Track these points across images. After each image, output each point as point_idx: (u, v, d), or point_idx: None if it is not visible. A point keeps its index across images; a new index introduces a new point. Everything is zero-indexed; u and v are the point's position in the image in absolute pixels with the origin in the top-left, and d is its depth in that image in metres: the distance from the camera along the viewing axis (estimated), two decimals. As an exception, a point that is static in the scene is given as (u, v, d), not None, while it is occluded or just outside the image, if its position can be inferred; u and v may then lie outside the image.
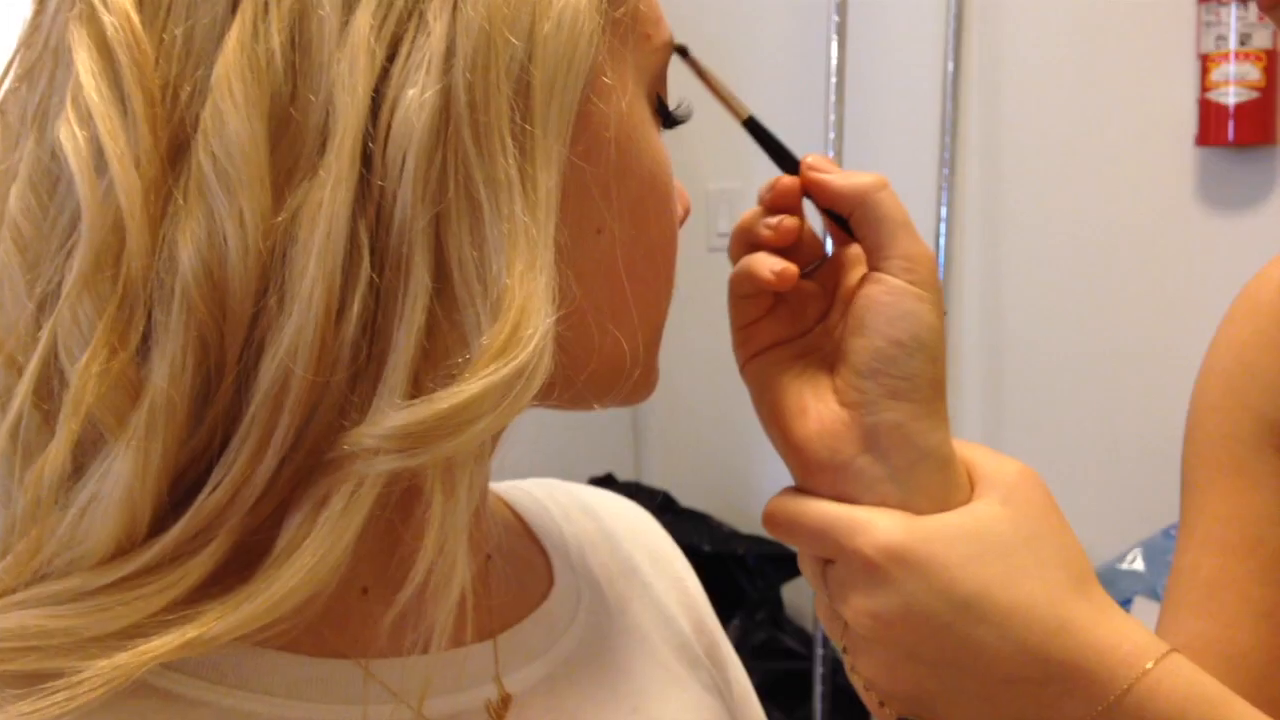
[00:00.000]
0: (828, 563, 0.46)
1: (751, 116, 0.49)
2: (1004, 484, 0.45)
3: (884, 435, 0.45)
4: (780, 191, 0.48)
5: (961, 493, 0.45)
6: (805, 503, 0.46)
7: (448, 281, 0.37)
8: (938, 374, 0.45)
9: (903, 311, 0.45)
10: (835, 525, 0.45)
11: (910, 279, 0.45)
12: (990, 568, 0.43)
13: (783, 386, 0.48)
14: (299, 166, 0.36)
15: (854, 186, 0.46)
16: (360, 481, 0.37)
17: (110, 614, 0.36)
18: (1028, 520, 0.44)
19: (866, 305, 0.46)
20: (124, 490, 0.36)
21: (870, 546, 0.43)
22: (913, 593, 0.43)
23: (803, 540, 0.47)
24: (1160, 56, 1.72)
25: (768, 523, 0.48)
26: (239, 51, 0.36)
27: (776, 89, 2.10)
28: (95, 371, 0.36)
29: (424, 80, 0.36)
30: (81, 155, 0.36)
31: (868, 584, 0.44)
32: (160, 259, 0.36)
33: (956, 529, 0.44)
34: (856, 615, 0.44)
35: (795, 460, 0.48)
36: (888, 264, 0.46)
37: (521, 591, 0.52)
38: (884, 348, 0.45)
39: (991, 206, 1.93)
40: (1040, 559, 0.44)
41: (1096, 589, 0.44)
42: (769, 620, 1.97)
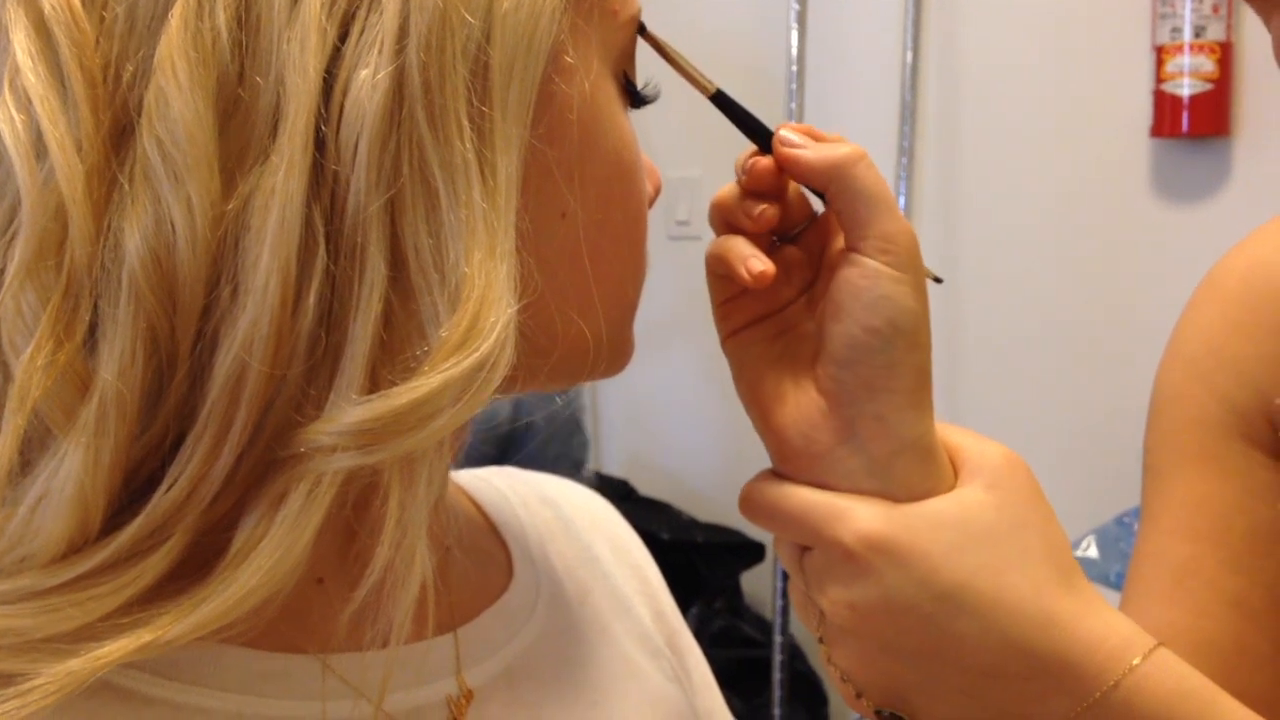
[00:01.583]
0: (805, 550, 0.45)
1: (719, 90, 0.47)
2: (989, 469, 0.44)
3: (862, 427, 0.43)
4: (756, 174, 0.45)
5: (945, 481, 0.44)
6: (783, 488, 0.45)
7: (404, 270, 0.36)
8: (920, 360, 0.43)
9: (879, 296, 0.42)
10: (814, 512, 0.43)
11: (887, 260, 0.43)
12: (974, 557, 0.41)
13: (762, 367, 0.46)
14: (249, 151, 0.35)
15: (827, 161, 0.43)
16: (318, 479, 0.36)
17: (62, 615, 0.35)
18: (1013, 508, 0.43)
19: (842, 289, 0.43)
20: (75, 487, 0.35)
21: (850, 535, 0.42)
22: (893, 583, 0.41)
23: (779, 526, 0.45)
24: (1116, 48, 1.74)
25: (743, 506, 0.46)
26: (183, 30, 0.34)
27: (736, 77, 2.08)
28: (40, 364, 0.34)
29: (376, 61, 0.35)
30: (20, 140, 0.35)
31: (846, 574, 0.42)
32: (105, 247, 0.35)
33: (939, 517, 0.42)
34: (834, 605, 0.43)
35: (773, 444, 0.46)
36: (864, 244, 0.43)
37: (482, 584, 0.52)
38: (860, 335, 0.43)
39: (949, 196, 1.94)
40: (1025, 549, 0.42)
41: (1082, 580, 0.43)
42: (727, 608, 1.97)
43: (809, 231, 0.47)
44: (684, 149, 2.13)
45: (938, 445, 0.44)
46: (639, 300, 0.47)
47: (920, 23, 1.95)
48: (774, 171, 0.45)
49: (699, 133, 1.45)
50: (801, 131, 0.45)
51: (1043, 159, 1.84)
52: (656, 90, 0.46)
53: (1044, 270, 1.85)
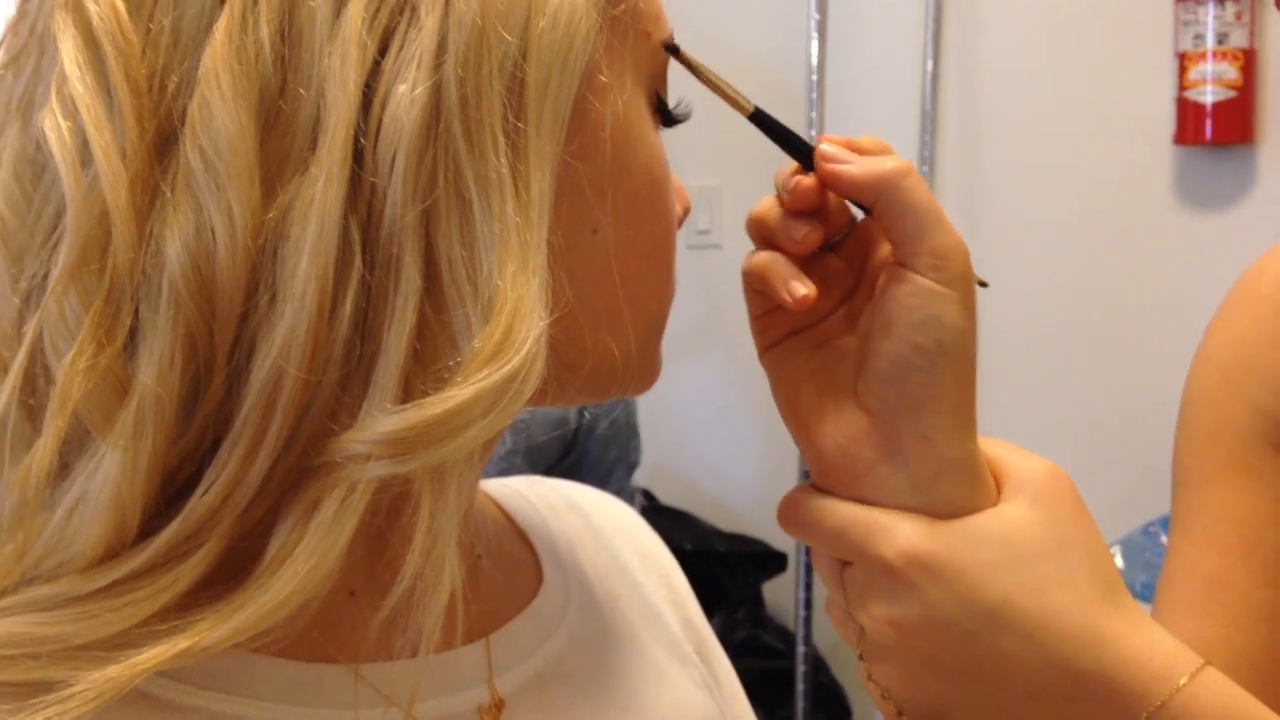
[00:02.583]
0: (845, 565, 0.44)
1: (757, 109, 0.47)
2: (1033, 484, 0.43)
3: (907, 445, 0.42)
4: (800, 193, 0.44)
5: (988, 497, 0.43)
6: (823, 502, 0.44)
7: (438, 281, 0.37)
8: (965, 380, 0.42)
9: (929, 316, 0.42)
10: (855, 528, 0.43)
11: (938, 277, 0.42)
12: (1017, 574, 0.41)
13: (801, 380, 0.46)
14: (289, 161, 0.36)
15: (875, 176, 0.42)
16: (352, 487, 0.36)
17: (100, 621, 0.35)
18: (1057, 524, 0.42)
19: (890, 307, 0.42)
20: (112, 490, 0.36)
21: (892, 551, 0.41)
22: (935, 600, 0.41)
23: (819, 541, 0.45)
24: (1138, 55, 1.74)
25: (782, 520, 0.46)
26: (227, 43, 0.35)
27: (757, 87, 2.09)
28: (82, 368, 0.35)
29: (415, 76, 0.36)
30: (66, 147, 0.35)
31: (888, 590, 0.42)
32: (147, 254, 0.36)
33: (982, 534, 0.41)
34: (875, 622, 0.42)
35: (813, 460, 0.45)
36: (915, 261, 0.42)
37: (511, 590, 0.52)
38: (907, 354, 0.42)
39: (970, 204, 1.94)
40: (1070, 565, 0.41)
41: (1127, 598, 0.42)
42: (750, 618, 1.97)
43: (848, 239, 0.47)
44: (704, 158, 2.13)
45: (981, 462, 0.43)
46: (667, 318, 0.47)
47: (940, 31, 1.95)
48: (817, 189, 0.44)
49: (719, 142, 1.45)
50: (841, 144, 0.44)
51: (1065, 167, 1.83)
52: (688, 110, 0.46)
53: (1067, 278, 1.84)
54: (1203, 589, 0.62)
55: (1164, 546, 1.57)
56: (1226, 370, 0.64)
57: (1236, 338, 0.65)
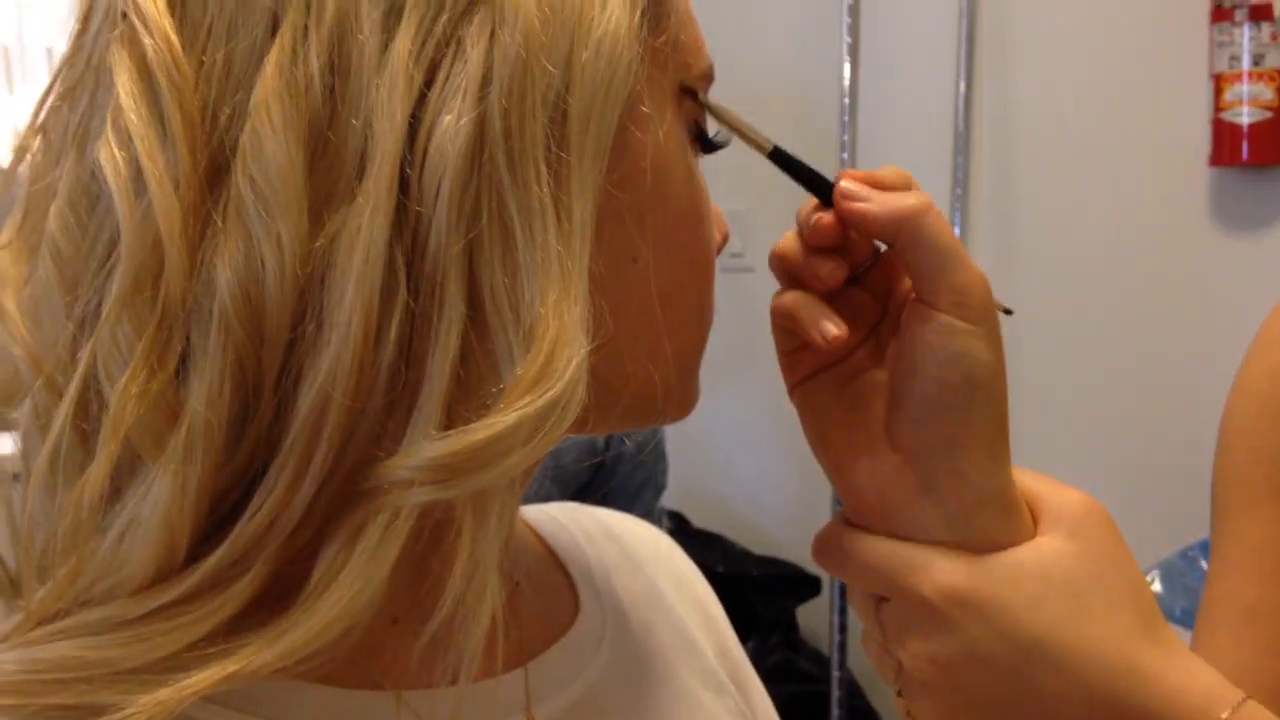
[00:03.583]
0: (881, 601, 0.44)
1: (777, 147, 0.47)
2: (1069, 518, 0.43)
3: (941, 482, 0.42)
4: (820, 230, 0.44)
5: (1024, 531, 0.43)
6: (859, 538, 0.44)
7: (481, 309, 0.37)
8: (997, 412, 0.42)
9: (955, 353, 0.42)
10: (891, 564, 0.43)
11: (961, 315, 0.42)
12: (1056, 609, 0.41)
13: (832, 417, 0.46)
14: (336, 191, 0.36)
15: (893, 214, 0.42)
16: (396, 513, 0.36)
17: (150, 644, 0.36)
18: (1095, 557, 0.42)
19: (916, 346, 0.43)
20: (162, 514, 0.36)
21: (929, 587, 0.41)
22: (975, 637, 0.41)
23: (855, 577, 0.45)
24: (1173, 77, 1.73)
25: (817, 555, 0.46)
26: (278, 75, 0.36)
27: (789, 111, 2.10)
28: (134, 393, 0.36)
29: (460, 107, 0.36)
30: (121, 176, 0.36)
31: (926, 626, 0.42)
32: (198, 281, 0.36)
33: (1020, 568, 0.41)
34: (914, 659, 0.42)
35: (847, 497, 0.45)
36: (937, 299, 0.42)
37: (548, 618, 0.52)
38: (936, 393, 0.42)
39: (1004, 227, 1.93)
40: (1109, 599, 0.41)
41: (1166, 630, 0.42)
42: (783, 642, 1.96)
43: (873, 270, 0.47)
44: (735, 182, 2.14)
45: (1017, 495, 0.43)
46: (705, 345, 0.48)
47: (973, 53, 1.94)
48: (836, 226, 0.44)
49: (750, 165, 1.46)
50: (862, 179, 0.44)
51: (1099, 189, 1.82)
52: (727, 137, 0.46)
53: (1102, 302, 1.83)
54: (1242, 618, 0.62)
55: (1203, 571, 1.55)
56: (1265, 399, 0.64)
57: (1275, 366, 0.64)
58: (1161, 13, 1.74)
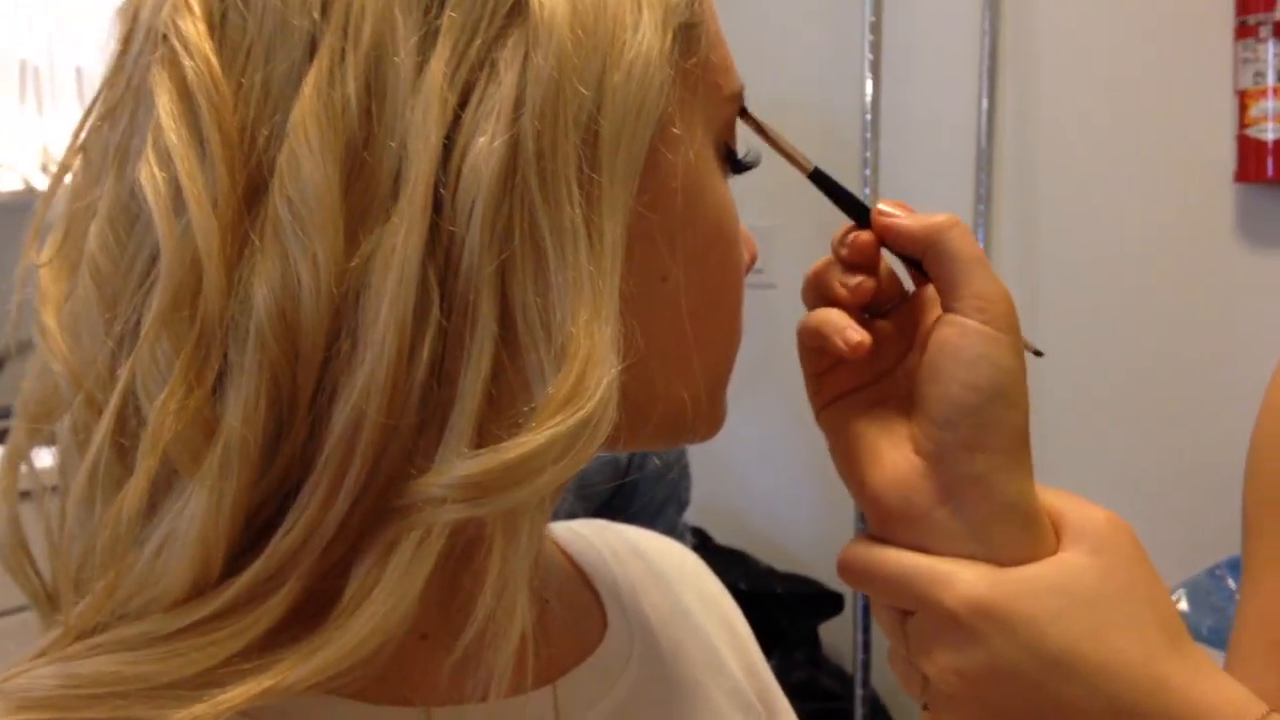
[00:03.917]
0: (905, 615, 0.44)
1: (817, 169, 0.48)
2: (1092, 533, 0.43)
3: (962, 488, 0.43)
4: (857, 248, 0.46)
5: (1047, 545, 0.43)
6: (883, 552, 0.44)
7: (513, 328, 0.38)
8: (1019, 421, 0.43)
9: (977, 355, 0.43)
10: (915, 576, 0.43)
11: (984, 319, 0.43)
12: (1080, 622, 0.41)
13: (858, 434, 0.46)
14: (371, 211, 0.37)
15: (924, 227, 0.44)
16: (428, 530, 0.37)
17: (185, 659, 0.36)
18: (1118, 572, 0.42)
19: (939, 349, 0.44)
20: (199, 529, 0.36)
21: (954, 600, 0.42)
22: (999, 649, 0.41)
23: (879, 591, 0.45)
24: (1197, 93, 1.72)
25: (842, 570, 0.46)
26: (315, 97, 0.36)
27: (811, 128, 2.10)
28: (173, 409, 0.36)
29: (494, 128, 0.37)
30: (160, 196, 0.37)
31: (951, 639, 0.42)
32: (236, 300, 0.37)
33: (1044, 582, 0.42)
34: (940, 672, 0.42)
35: (871, 509, 0.46)
36: (960, 304, 0.43)
37: (576, 636, 0.52)
38: (959, 395, 0.43)
39: (1027, 244, 1.92)
40: (1132, 613, 0.42)
41: (1190, 645, 0.42)
42: (807, 660, 1.95)
43: (901, 309, 0.48)
44: (758, 198, 2.14)
45: (1039, 508, 0.44)
46: (734, 365, 0.48)
47: (995, 69, 1.94)
48: (873, 245, 0.46)
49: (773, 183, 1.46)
50: (898, 205, 0.46)
51: (1123, 206, 1.82)
52: (757, 157, 0.47)
53: (1128, 319, 1.82)
54: (1271, 640, 0.61)
55: (1229, 590, 1.53)
56: None
57: None
58: (1185, 29, 1.73)
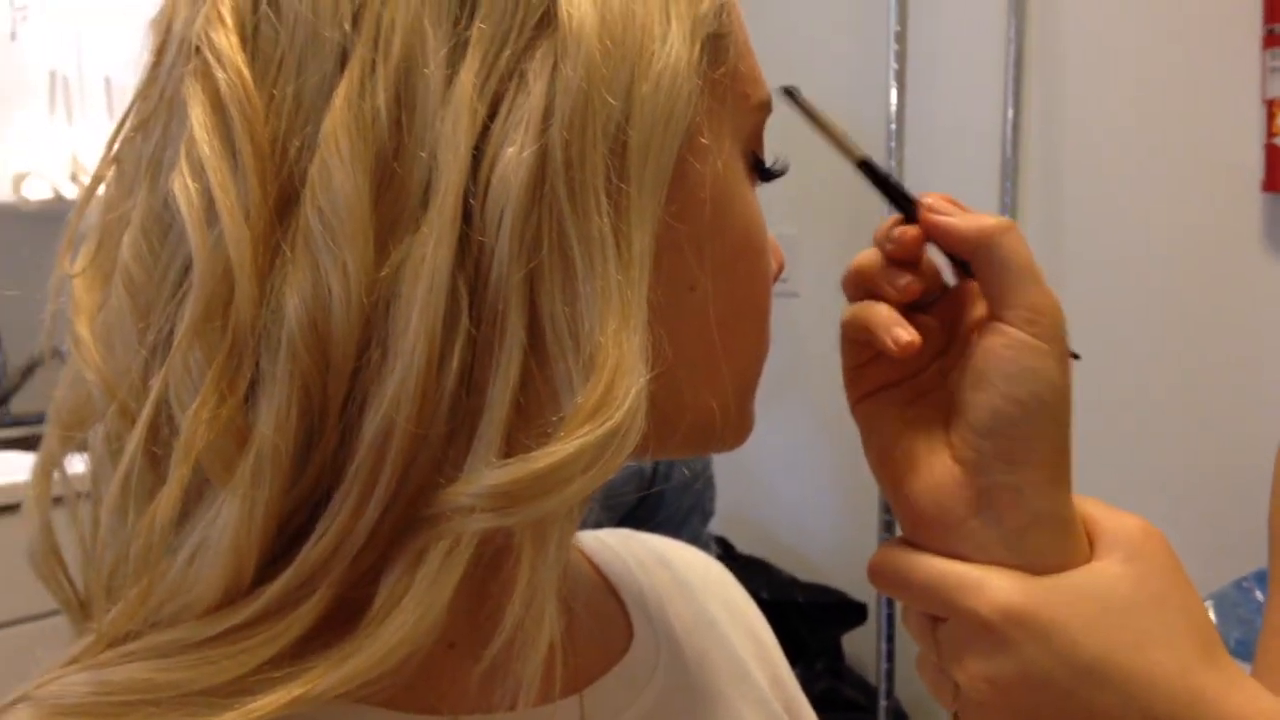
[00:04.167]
0: (937, 621, 0.44)
1: (866, 158, 0.47)
2: (1126, 542, 0.43)
3: (998, 498, 0.43)
4: (903, 243, 0.45)
5: (1080, 554, 0.43)
6: (915, 558, 0.44)
7: (541, 338, 0.38)
8: (1060, 434, 0.43)
9: (1024, 368, 0.42)
10: (947, 583, 0.43)
11: (1033, 331, 0.42)
12: (1114, 631, 0.41)
13: (893, 433, 0.46)
14: (401, 221, 0.37)
15: (976, 230, 0.44)
16: (457, 539, 0.37)
17: (217, 667, 0.36)
18: (1152, 581, 0.42)
19: (986, 359, 0.43)
20: (231, 537, 0.37)
21: (986, 607, 0.41)
22: (1031, 657, 0.41)
23: (911, 597, 0.45)
24: (1225, 102, 1.71)
25: (873, 575, 0.46)
26: (346, 109, 0.36)
27: (834, 135, 2.10)
28: (205, 418, 0.36)
29: (522, 139, 0.37)
30: (193, 206, 0.37)
31: (983, 646, 0.42)
32: (267, 309, 0.37)
33: (1077, 590, 0.41)
34: (971, 679, 0.42)
35: (903, 513, 0.45)
36: (1010, 314, 0.43)
37: (603, 646, 0.52)
38: (1003, 406, 0.42)
39: (1053, 253, 1.91)
40: (1167, 623, 0.41)
41: (1225, 656, 0.42)
42: (829, 670, 1.94)
43: (942, 301, 0.48)
44: (781, 206, 2.14)
45: (1074, 518, 0.43)
46: (761, 374, 0.48)
47: (1021, 77, 1.93)
48: (919, 241, 0.45)
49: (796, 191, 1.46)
50: (945, 200, 0.45)
51: (1150, 215, 1.81)
52: (784, 166, 0.47)
53: (1154, 326, 1.81)
54: None
55: (1258, 602, 1.52)
56: None
57: None
58: (1212, 37, 1.72)
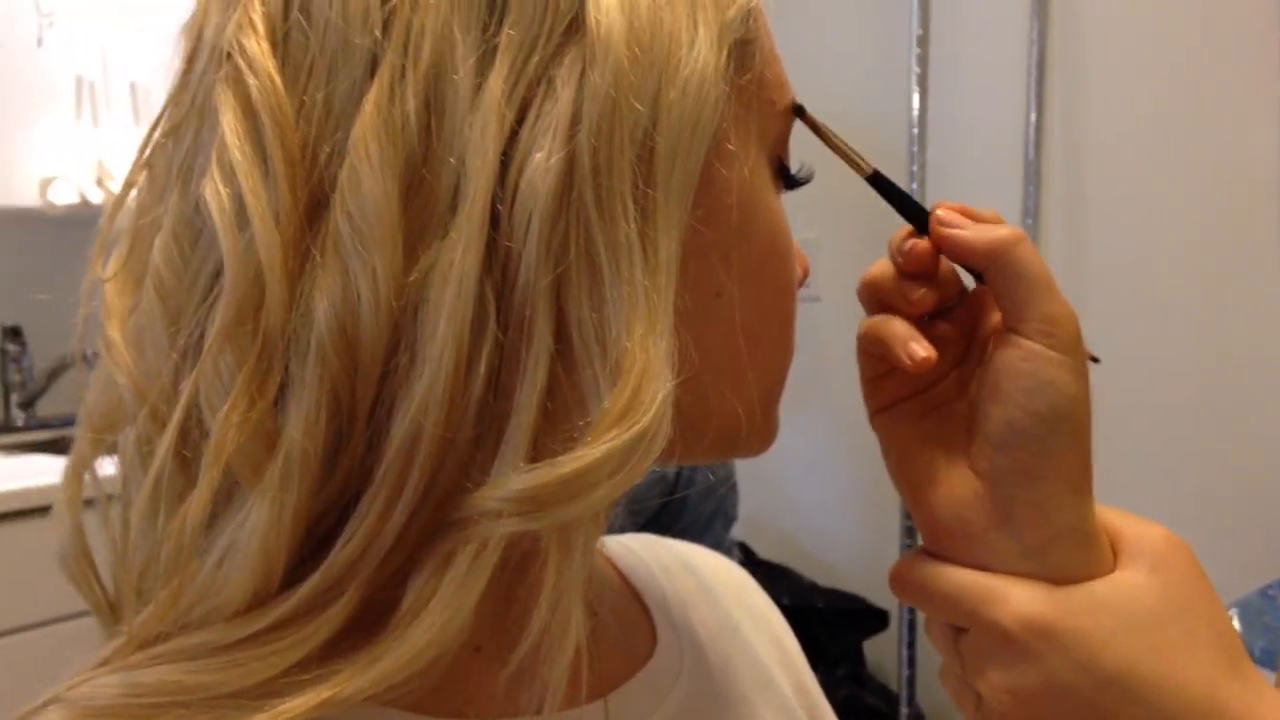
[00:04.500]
0: (959, 632, 0.44)
1: (876, 171, 0.47)
2: (1150, 552, 0.42)
3: (1019, 512, 0.42)
4: (915, 256, 0.45)
5: (1104, 564, 0.43)
6: (937, 568, 0.44)
7: (568, 343, 0.38)
8: (1080, 447, 0.42)
9: (1041, 381, 0.42)
10: (970, 594, 0.43)
11: (1049, 343, 0.42)
12: (1138, 642, 0.40)
13: (913, 445, 0.46)
14: (430, 226, 0.37)
15: (987, 242, 0.43)
16: (484, 543, 0.37)
17: (246, 669, 0.36)
18: (1177, 591, 0.42)
19: (1002, 372, 0.43)
20: (260, 540, 0.37)
21: (1008, 617, 0.41)
22: (1054, 668, 0.40)
23: (933, 607, 0.44)
24: (1247, 105, 1.70)
25: (894, 585, 0.46)
26: (375, 114, 0.36)
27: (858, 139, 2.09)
28: (235, 421, 0.36)
29: (550, 145, 0.37)
30: (224, 211, 0.37)
31: (1006, 657, 0.41)
32: (297, 314, 0.37)
33: (1100, 600, 0.41)
34: (993, 690, 0.42)
35: (925, 525, 0.45)
36: (1025, 326, 0.42)
37: (627, 651, 0.52)
38: (1021, 419, 0.42)
39: (1075, 257, 1.91)
40: (1191, 633, 0.41)
41: (1250, 667, 0.42)
42: (850, 676, 1.94)
43: (960, 307, 0.47)
44: (801, 211, 2.13)
45: (1097, 529, 0.43)
46: (786, 379, 0.48)
47: (1043, 81, 1.93)
48: (932, 253, 0.45)
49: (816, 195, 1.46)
50: (957, 210, 0.45)
51: (1172, 219, 1.80)
52: (810, 173, 0.47)
53: (1177, 331, 1.80)
54: None
55: (1285, 612, 1.50)
56: None
57: None
58: (1235, 42, 1.71)
